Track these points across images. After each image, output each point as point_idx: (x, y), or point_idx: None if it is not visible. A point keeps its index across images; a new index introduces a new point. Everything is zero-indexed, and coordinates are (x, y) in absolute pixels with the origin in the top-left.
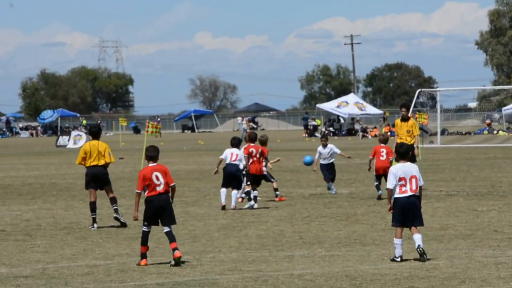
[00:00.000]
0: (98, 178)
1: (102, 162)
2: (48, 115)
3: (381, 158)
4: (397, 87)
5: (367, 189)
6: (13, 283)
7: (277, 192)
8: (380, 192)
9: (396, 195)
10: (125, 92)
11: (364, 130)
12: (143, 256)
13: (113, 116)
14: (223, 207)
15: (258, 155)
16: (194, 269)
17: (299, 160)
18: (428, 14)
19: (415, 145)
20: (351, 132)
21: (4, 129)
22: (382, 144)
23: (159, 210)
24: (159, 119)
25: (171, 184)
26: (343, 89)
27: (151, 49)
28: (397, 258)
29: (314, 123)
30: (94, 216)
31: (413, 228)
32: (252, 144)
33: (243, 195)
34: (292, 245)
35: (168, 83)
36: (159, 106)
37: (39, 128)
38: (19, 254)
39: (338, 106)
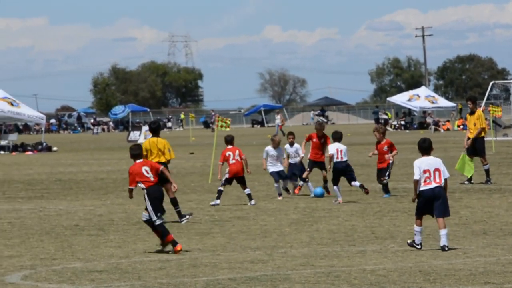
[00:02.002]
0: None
1: (163, 159)
2: (119, 110)
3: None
4: (469, 80)
5: None
6: (87, 277)
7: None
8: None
9: (421, 188)
10: (194, 86)
11: (436, 124)
12: (175, 243)
13: (183, 111)
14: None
15: (236, 156)
16: (265, 264)
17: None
18: (501, 5)
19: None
20: (423, 125)
21: (76, 125)
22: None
23: (161, 198)
24: (213, 113)
25: (160, 169)
26: (414, 82)
27: (220, 43)
28: (418, 245)
29: (385, 116)
30: (177, 209)
31: (440, 220)
32: (228, 147)
33: (301, 182)
34: (364, 240)
35: (237, 78)
36: (228, 101)
37: (110, 123)
38: (92, 249)
39: (409, 100)
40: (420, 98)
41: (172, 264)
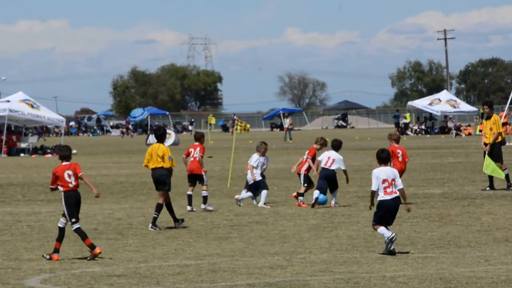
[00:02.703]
0: (157, 180)
1: (161, 165)
2: (138, 113)
3: (398, 159)
4: (492, 84)
5: (461, 189)
6: (106, 281)
7: (300, 198)
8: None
9: (382, 198)
10: (213, 89)
11: (458, 128)
12: (93, 246)
13: (202, 114)
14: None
15: (195, 154)
16: (284, 270)
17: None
18: None
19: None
20: (444, 130)
21: (95, 128)
22: (396, 145)
23: (78, 204)
24: (235, 117)
25: (79, 174)
26: (435, 85)
27: (240, 46)
28: (392, 237)
29: (405, 120)
30: (173, 216)
31: (388, 228)
32: (195, 144)
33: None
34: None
35: (257, 81)
36: (248, 104)
37: (129, 126)
38: (111, 253)
39: (430, 104)
40: (442, 102)
41: (191, 269)
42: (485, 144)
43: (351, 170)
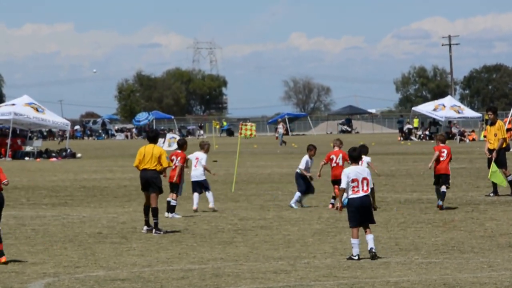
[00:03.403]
0: (145, 182)
1: (153, 166)
2: (143, 117)
3: (441, 159)
4: (496, 90)
5: (465, 194)
6: (110, 286)
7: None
8: (440, 202)
9: (350, 196)
10: (218, 94)
11: (462, 134)
12: (1, 253)
13: (207, 118)
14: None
15: (177, 162)
16: (288, 274)
17: (394, 164)
18: None
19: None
20: (448, 135)
21: (100, 131)
22: (442, 144)
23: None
24: (249, 121)
25: (4, 181)
26: (439, 91)
27: (245, 50)
28: (355, 256)
29: (409, 126)
30: (146, 219)
31: (367, 230)
32: (177, 152)
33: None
34: (388, 252)
35: (262, 85)
36: (253, 108)
37: (134, 130)
38: (115, 257)
39: (434, 109)
40: (446, 108)
41: (195, 273)
42: (489, 150)
43: None
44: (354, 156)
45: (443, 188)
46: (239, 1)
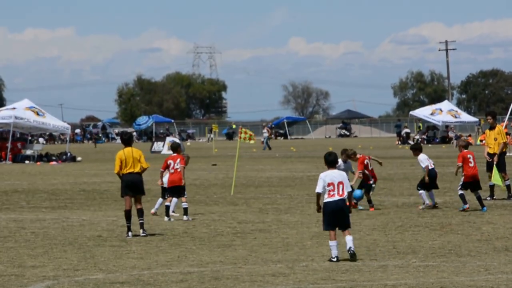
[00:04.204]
0: (133, 185)
1: (137, 169)
2: (143, 121)
3: (470, 164)
4: (492, 94)
5: None
6: None
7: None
8: (466, 205)
9: (325, 200)
10: (218, 98)
11: (459, 138)
12: None
13: (206, 122)
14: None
15: (176, 165)
16: (287, 277)
17: (392, 168)
18: None
19: (507, 152)
20: (445, 140)
21: (100, 135)
22: (465, 150)
23: None
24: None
25: None
26: (437, 96)
27: (245, 55)
28: (334, 258)
29: (407, 130)
30: (129, 225)
31: (345, 232)
32: (172, 155)
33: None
34: (385, 255)
35: (261, 89)
36: (252, 112)
37: (134, 134)
38: (115, 260)
39: (432, 114)
40: (443, 112)
41: (194, 276)
42: (489, 154)
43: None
44: (330, 161)
45: (478, 193)
46: (239, 6)
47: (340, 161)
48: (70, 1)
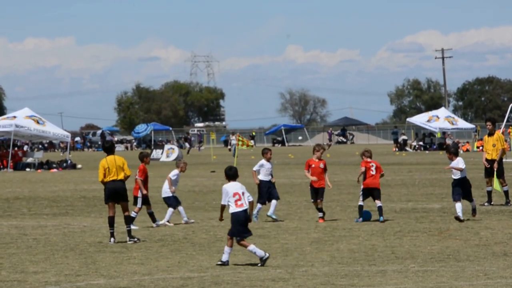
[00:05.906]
0: (116, 193)
1: (121, 177)
2: (142, 129)
3: (371, 172)
4: (488, 101)
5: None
6: None
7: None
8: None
9: (234, 210)
10: (216, 106)
11: (456, 145)
12: None
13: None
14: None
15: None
16: (286, 282)
17: (389, 174)
18: None
19: (503, 158)
20: (443, 146)
21: (100, 143)
22: (368, 159)
23: None
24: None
25: None
26: (433, 103)
27: (242, 63)
28: (225, 262)
29: (404, 137)
30: (112, 231)
31: (246, 240)
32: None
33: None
34: (384, 260)
35: (259, 97)
36: (250, 120)
37: (133, 141)
38: (116, 266)
39: (428, 121)
40: (440, 119)
41: (194, 281)
42: (487, 160)
43: (350, 185)
44: (231, 174)
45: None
46: (236, 15)
47: (263, 161)
48: (70, 11)
